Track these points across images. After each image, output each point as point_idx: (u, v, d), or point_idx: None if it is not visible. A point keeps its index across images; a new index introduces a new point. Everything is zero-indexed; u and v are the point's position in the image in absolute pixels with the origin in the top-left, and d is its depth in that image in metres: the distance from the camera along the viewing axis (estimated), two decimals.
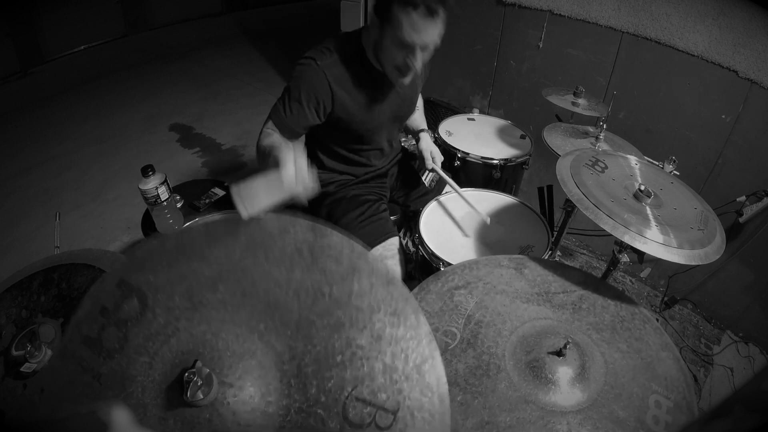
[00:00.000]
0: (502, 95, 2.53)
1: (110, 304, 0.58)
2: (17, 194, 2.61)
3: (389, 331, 0.54)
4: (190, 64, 4.49)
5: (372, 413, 0.50)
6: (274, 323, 0.55)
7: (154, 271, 0.59)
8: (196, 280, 0.58)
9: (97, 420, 0.46)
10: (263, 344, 0.54)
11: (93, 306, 0.58)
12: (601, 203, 0.98)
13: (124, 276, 0.59)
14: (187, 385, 0.50)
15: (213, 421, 0.50)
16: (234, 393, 0.52)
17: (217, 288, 0.57)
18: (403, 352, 0.53)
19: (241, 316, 0.56)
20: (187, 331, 0.56)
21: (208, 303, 0.57)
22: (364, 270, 0.56)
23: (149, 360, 0.55)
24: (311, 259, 0.57)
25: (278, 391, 0.52)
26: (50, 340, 0.81)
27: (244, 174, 2.87)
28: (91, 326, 0.57)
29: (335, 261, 0.57)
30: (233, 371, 0.53)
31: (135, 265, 0.60)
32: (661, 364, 0.81)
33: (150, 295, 0.57)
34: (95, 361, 0.56)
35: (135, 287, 0.58)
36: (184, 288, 0.57)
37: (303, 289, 0.56)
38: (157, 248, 0.61)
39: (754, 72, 1.63)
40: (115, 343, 0.56)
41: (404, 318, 0.55)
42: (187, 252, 0.60)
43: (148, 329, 0.56)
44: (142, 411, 0.52)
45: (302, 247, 0.58)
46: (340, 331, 0.54)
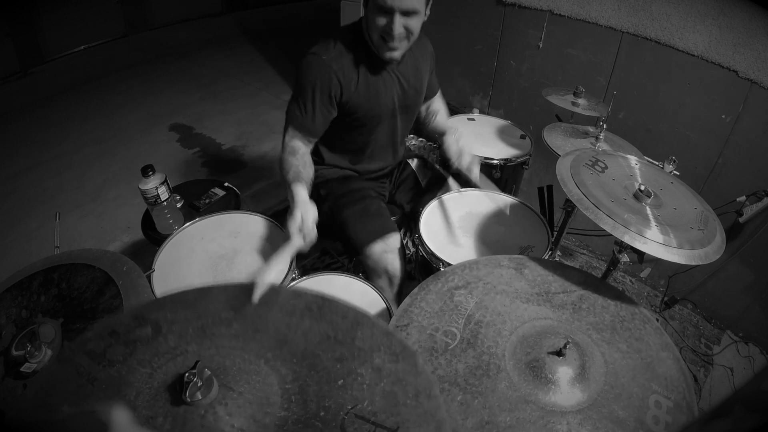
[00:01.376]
0: (502, 95, 2.53)
1: (122, 329, 0.61)
2: (17, 194, 2.61)
3: (389, 366, 0.56)
4: (190, 64, 4.49)
5: (371, 431, 0.51)
6: (282, 353, 0.58)
7: (173, 311, 0.63)
8: (212, 319, 0.62)
9: (97, 420, 0.46)
10: (268, 368, 0.57)
11: (103, 329, 0.61)
12: (601, 203, 0.98)
13: (143, 312, 0.63)
14: (187, 385, 0.50)
15: (207, 418, 0.50)
16: (234, 396, 0.52)
17: (232, 325, 0.62)
18: (402, 381, 0.55)
19: (250, 347, 0.59)
20: (195, 353, 0.58)
21: (221, 335, 0.60)
22: (367, 324, 0.61)
23: (151, 371, 0.56)
24: (320, 315, 0.62)
25: (278, 405, 0.53)
26: (50, 340, 0.81)
27: (244, 174, 2.88)
28: (97, 343, 0.60)
29: (341, 316, 0.62)
30: (236, 381, 0.54)
31: (154, 305, 0.65)
32: (661, 364, 0.81)
33: (164, 327, 0.61)
34: (93, 368, 0.57)
35: (151, 320, 0.62)
36: (199, 324, 0.62)
37: (311, 332, 0.60)
38: (176, 297, 0.66)
39: (754, 72, 1.63)
40: (118, 356, 0.58)
41: (403, 358, 0.57)
42: (206, 300, 0.65)
43: (157, 349, 0.59)
44: (131, 410, 0.52)
45: (312, 305, 0.64)
46: (342, 362, 0.57)
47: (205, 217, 1.35)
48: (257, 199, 2.65)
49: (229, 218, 1.36)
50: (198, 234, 1.30)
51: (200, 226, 1.33)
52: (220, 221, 1.35)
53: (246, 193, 2.66)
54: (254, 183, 2.80)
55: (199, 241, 1.27)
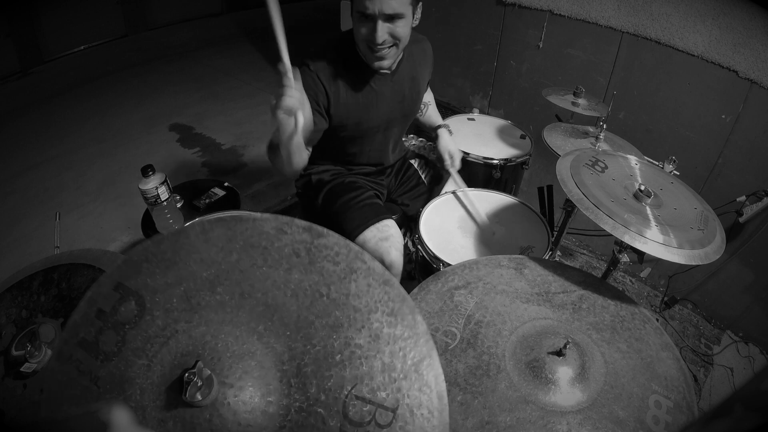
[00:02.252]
0: (502, 95, 2.53)
1: (107, 306, 0.57)
2: (17, 194, 2.61)
3: (387, 330, 0.54)
4: (190, 64, 4.49)
5: (372, 411, 0.51)
6: (273, 324, 0.55)
7: (152, 274, 0.58)
8: (193, 281, 0.58)
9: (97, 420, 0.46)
10: (262, 345, 0.54)
11: (89, 309, 0.58)
12: (601, 203, 0.98)
13: (121, 279, 0.59)
14: (187, 386, 0.50)
15: (213, 421, 0.50)
16: (234, 393, 0.51)
17: (216, 290, 0.57)
18: (401, 350, 0.53)
19: (240, 318, 0.56)
20: (186, 333, 0.56)
21: (207, 304, 0.57)
22: (361, 270, 0.57)
23: (147, 362, 0.55)
24: (308, 260, 0.57)
25: (278, 391, 0.52)
26: (50, 340, 0.81)
27: (244, 174, 2.88)
28: (87, 329, 0.57)
29: (332, 262, 0.57)
30: (233, 372, 0.53)
31: (132, 268, 0.59)
32: (661, 364, 0.81)
33: (148, 298, 0.57)
34: (92, 364, 0.56)
35: (133, 290, 0.58)
36: (182, 290, 0.57)
37: (301, 290, 0.56)
38: (153, 250, 0.60)
39: (754, 72, 1.63)
40: (112, 346, 0.56)
41: (401, 318, 0.55)
42: (184, 253, 0.59)
43: (146, 332, 0.56)
44: (141, 413, 0.52)
45: (299, 248, 0.58)
46: (338, 331, 0.54)
47: (205, 217, 1.35)
48: (257, 199, 2.65)
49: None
50: None
51: None
52: None
53: (246, 193, 2.66)
54: (254, 183, 2.80)
55: None
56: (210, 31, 5.28)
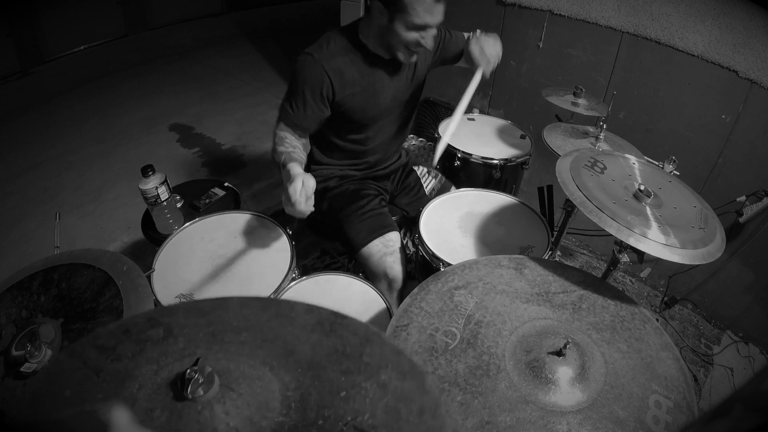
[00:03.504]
0: (502, 95, 2.53)
1: (134, 329, 0.62)
2: (17, 194, 2.61)
3: (395, 383, 0.55)
4: (190, 64, 4.49)
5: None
6: (287, 363, 0.58)
7: (186, 317, 0.64)
8: (222, 326, 0.63)
9: (97, 420, 0.46)
10: (272, 374, 0.57)
11: (116, 328, 0.62)
12: (604, 206, 0.97)
13: (156, 316, 0.64)
14: (188, 382, 0.50)
15: (203, 414, 0.50)
16: (233, 397, 0.52)
17: (241, 334, 0.62)
18: (407, 398, 0.53)
19: (257, 354, 0.60)
20: (202, 356, 0.59)
21: (230, 341, 0.61)
22: (377, 341, 0.61)
23: (156, 368, 0.57)
24: (330, 330, 0.62)
25: (276, 410, 0.53)
26: (50, 340, 0.81)
27: (244, 174, 2.88)
28: (109, 339, 0.61)
29: (352, 333, 0.62)
30: (238, 382, 0.54)
31: (168, 310, 0.66)
32: (661, 364, 0.81)
33: (176, 330, 0.62)
34: (101, 362, 0.57)
35: (164, 323, 0.63)
36: (210, 330, 0.62)
37: (319, 345, 0.60)
38: (192, 305, 0.67)
39: (754, 72, 1.63)
40: (128, 353, 0.59)
41: (411, 377, 0.56)
42: (220, 311, 0.66)
43: (166, 349, 0.59)
44: (131, 403, 0.53)
45: (324, 321, 0.63)
46: (347, 376, 0.56)
47: (205, 217, 1.35)
48: (257, 199, 2.65)
49: (229, 218, 1.36)
50: (198, 234, 1.30)
51: (200, 226, 1.33)
52: (220, 221, 1.35)
53: (246, 193, 2.66)
54: (254, 183, 2.80)
55: (199, 241, 1.27)
56: (210, 31, 5.28)
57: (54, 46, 4.15)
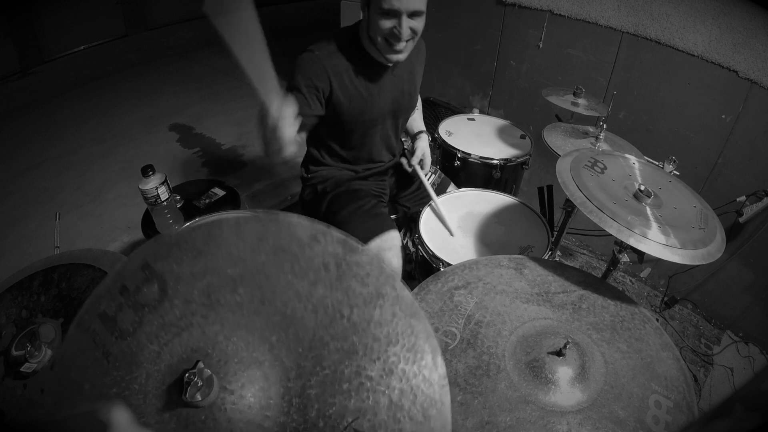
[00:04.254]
0: (502, 95, 2.53)
1: (131, 284, 0.57)
2: (17, 194, 2.61)
3: (402, 366, 0.51)
4: (190, 64, 4.49)
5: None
6: (287, 337, 0.53)
7: (179, 261, 0.58)
8: (218, 277, 0.57)
9: (97, 420, 0.46)
10: (272, 357, 0.53)
11: (114, 283, 0.58)
12: (605, 206, 0.97)
13: (149, 259, 0.58)
14: (187, 386, 0.50)
15: (207, 423, 0.50)
16: (233, 400, 0.51)
17: (237, 290, 0.56)
18: (412, 391, 0.50)
19: (255, 323, 0.55)
20: (200, 328, 0.55)
21: (226, 303, 0.56)
22: (389, 297, 0.54)
23: (158, 349, 0.55)
24: (336, 276, 0.55)
25: (278, 408, 0.51)
26: (50, 340, 0.81)
27: (244, 174, 2.88)
28: (109, 303, 0.57)
29: (361, 282, 0.55)
30: (237, 378, 0.52)
31: (162, 249, 0.59)
32: (661, 364, 0.81)
33: (171, 284, 0.57)
34: (107, 339, 0.56)
35: (158, 273, 0.57)
36: (205, 283, 0.57)
37: (323, 306, 0.54)
38: (185, 236, 0.60)
39: (754, 72, 1.63)
40: (129, 326, 0.56)
41: (420, 356, 0.52)
42: (214, 245, 0.58)
43: (163, 318, 0.56)
44: (143, 398, 0.52)
45: (329, 261, 0.56)
46: (352, 357, 0.52)
47: (205, 217, 1.35)
48: (257, 199, 2.65)
49: None
50: None
51: None
52: None
53: (246, 193, 2.66)
54: (254, 183, 2.80)
55: None
56: (210, 31, 5.19)
57: (54, 46, 4.14)
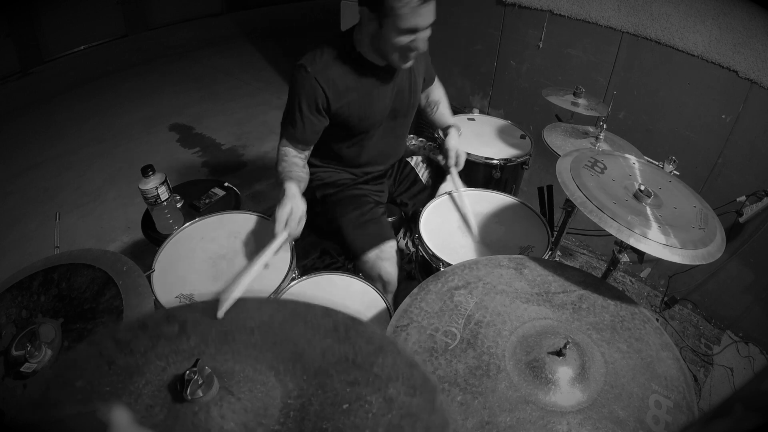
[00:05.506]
0: (502, 95, 2.53)
1: (152, 324, 0.63)
2: (17, 194, 2.61)
3: (403, 399, 0.53)
4: (190, 64, 4.49)
5: None
6: (294, 368, 0.58)
7: (203, 316, 0.65)
8: (236, 326, 0.64)
9: (97, 420, 0.46)
10: (276, 380, 0.56)
11: (135, 322, 0.64)
12: (605, 206, 0.97)
13: (175, 313, 0.65)
14: (188, 383, 0.50)
15: (198, 416, 0.50)
16: (231, 401, 0.52)
17: (253, 334, 0.62)
18: (413, 417, 0.51)
19: (265, 356, 0.59)
20: (211, 356, 0.59)
21: (240, 341, 0.61)
22: (391, 351, 0.59)
23: (165, 365, 0.58)
24: (345, 335, 0.61)
25: (274, 418, 0.52)
26: (50, 340, 0.81)
27: (244, 174, 2.88)
28: (126, 333, 0.62)
29: (366, 341, 0.60)
30: (239, 386, 0.54)
31: (186, 308, 0.68)
32: (661, 364, 0.81)
33: (190, 327, 0.63)
34: (115, 354, 0.59)
35: (180, 319, 0.64)
36: (223, 329, 0.63)
37: (330, 350, 0.59)
38: (209, 304, 0.67)
39: (754, 72, 1.63)
40: (141, 348, 0.60)
41: (420, 392, 0.54)
42: (235, 312, 0.66)
43: (177, 346, 0.60)
44: (135, 398, 0.54)
45: (339, 326, 0.62)
46: (353, 387, 0.54)
47: (205, 217, 1.35)
48: (257, 199, 2.65)
49: (229, 218, 1.36)
50: (198, 234, 1.30)
51: (200, 226, 1.33)
52: (220, 221, 1.35)
53: (246, 193, 2.66)
54: (254, 183, 2.80)
55: (199, 241, 1.27)
56: (210, 31, 5.28)
57: (54, 46, 4.14)
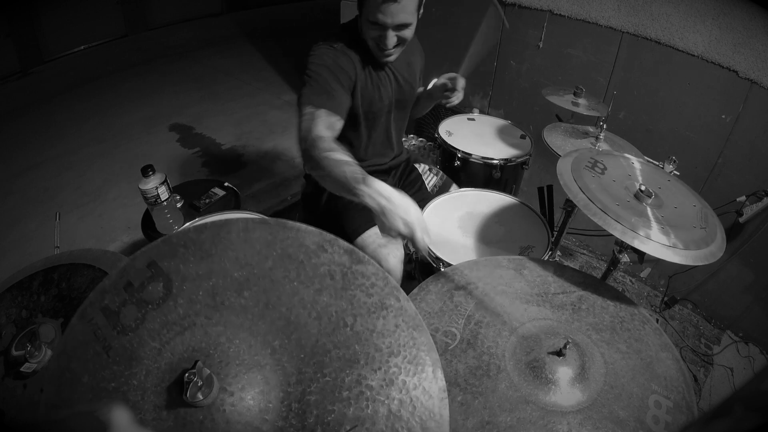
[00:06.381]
0: (502, 95, 2.53)
1: (136, 281, 0.57)
2: (17, 194, 2.61)
3: (403, 377, 0.52)
4: (190, 64, 4.49)
5: None
6: (290, 343, 0.54)
7: (186, 261, 0.58)
8: (224, 279, 0.57)
9: (97, 420, 0.46)
10: (273, 361, 0.53)
11: (119, 278, 0.58)
12: (608, 208, 0.97)
13: (155, 258, 0.58)
14: (187, 386, 0.50)
15: (205, 423, 0.50)
16: (232, 402, 0.51)
17: (243, 293, 0.57)
18: (411, 402, 0.51)
19: (259, 327, 0.55)
20: (202, 328, 0.55)
21: (230, 305, 0.56)
22: (393, 308, 0.55)
23: (159, 347, 0.55)
24: (341, 285, 0.56)
25: (276, 412, 0.51)
26: (50, 340, 0.81)
27: (244, 174, 2.88)
28: (112, 298, 0.57)
29: (365, 293, 0.55)
30: (237, 380, 0.52)
31: (169, 248, 0.59)
32: (660, 364, 0.81)
33: (176, 283, 0.57)
34: (108, 333, 0.56)
35: (164, 272, 0.57)
36: (210, 284, 0.57)
37: (326, 314, 0.54)
38: (193, 237, 0.60)
39: (754, 72, 1.63)
40: (131, 322, 0.56)
41: (421, 368, 0.52)
42: (221, 247, 0.59)
43: (166, 316, 0.56)
44: (141, 394, 0.52)
45: (335, 270, 0.56)
46: (353, 366, 0.52)
47: (204, 218, 1.35)
48: (257, 199, 2.65)
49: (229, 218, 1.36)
50: None
51: None
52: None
53: (246, 193, 2.66)
54: (254, 183, 2.80)
55: None
56: (210, 31, 5.28)
57: (54, 46, 4.14)
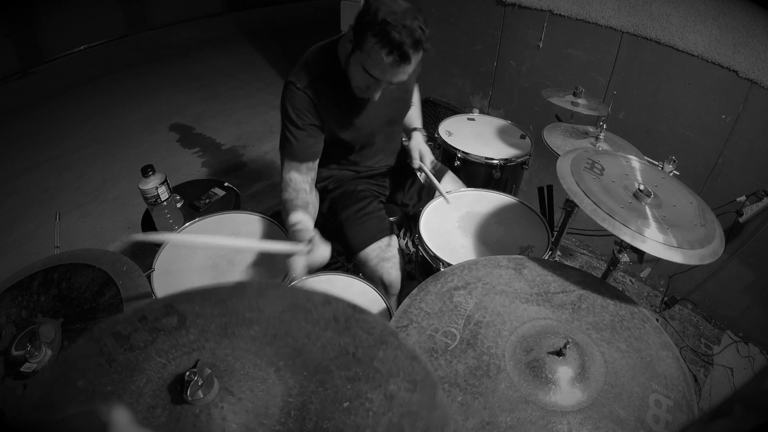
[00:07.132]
0: (502, 95, 2.53)
1: (152, 316, 0.62)
2: (17, 194, 2.61)
3: (403, 395, 0.52)
4: (190, 64, 4.49)
5: None
6: (294, 364, 0.57)
7: (202, 305, 0.64)
8: (236, 317, 0.63)
9: (97, 420, 0.46)
10: (277, 377, 0.56)
11: (135, 314, 0.63)
12: (615, 212, 0.95)
13: (173, 302, 0.64)
14: (188, 384, 0.50)
15: (200, 418, 0.50)
16: (232, 401, 0.52)
17: (253, 327, 0.61)
18: (413, 415, 0.51)
19: (265, 351, 0.59)
20: (211, 351, 0.59)
21: (240, 335, 0.60)
22: (392, 343, 0.58)
23: (165, 362, 0.57)
24: (345, 327, 0.60)
25: (275, 417, 0.52)
26: (50, 340, 0.81)
27: (244, 174, 2.88)
28: (125, 326, 0.61)
29: (367, 332, 0.60)
30: (239, 385, 0.53)
31: (187, 296, 0.65)
32: (660, 363, 0.81)
33: (190, 318, 0.62)
34: (115, 350, 0.58)
35: (179, 311, 0.63)
36: (223, 321, 0.62)
37: (330, 345, 0.58)
38: (211, 290, 0.66)
39: (754, 72, 1.63)
40: (140, 343, 0.59)
41: (421, 388, 0.53)
42: (237, 298, 0.65)
43: (177, 340, 0.60)
44: (136, 398, 0.53)
45: (340, 316, 0.62)
46: (354, 383, 0.54)
47: (204, 217, 1.35)
48: (257, 199, 2.65)
49: (229, 218, 1.36)
50: (198, 234, 1.30)
51: (200, 226, 1.33)
52: (220, 221, 1.35)
53: (246, 193, 2.66)
54: (254, 183, 2.80)
55: None
56: (210, 31, 5.28)
57: (54, 46, 4.15)
